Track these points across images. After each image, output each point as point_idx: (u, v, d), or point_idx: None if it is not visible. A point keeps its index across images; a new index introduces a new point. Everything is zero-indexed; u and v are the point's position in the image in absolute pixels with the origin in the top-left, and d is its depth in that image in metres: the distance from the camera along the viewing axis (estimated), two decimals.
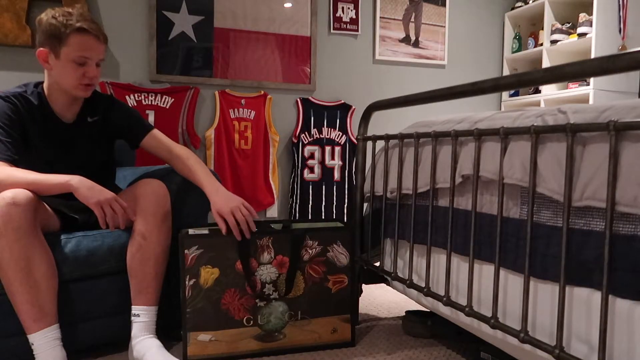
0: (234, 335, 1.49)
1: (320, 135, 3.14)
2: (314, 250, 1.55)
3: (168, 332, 1.65)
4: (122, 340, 1.52)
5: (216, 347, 1.48)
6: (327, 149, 3.14)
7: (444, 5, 3.48)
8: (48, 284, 1.29)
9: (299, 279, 1.54)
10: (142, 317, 1.41)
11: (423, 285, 1.49)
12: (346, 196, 3.16)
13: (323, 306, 1.57)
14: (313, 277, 1.56)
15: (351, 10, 3.25)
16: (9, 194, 1.23)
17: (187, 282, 1.45)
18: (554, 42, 3.24)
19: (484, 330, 1.23)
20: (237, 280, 1.49)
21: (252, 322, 1.51)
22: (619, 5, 3.02)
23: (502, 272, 1.18)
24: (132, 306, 1.42)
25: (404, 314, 1.78)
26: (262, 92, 3.03)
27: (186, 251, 1.44)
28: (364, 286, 2.37)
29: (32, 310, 1.25)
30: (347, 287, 1.60)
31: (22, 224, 1.23)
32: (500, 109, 3.69)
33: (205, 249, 1.46)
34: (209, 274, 1.46)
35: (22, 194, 1.24)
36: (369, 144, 2.85)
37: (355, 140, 3.19)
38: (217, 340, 1.48)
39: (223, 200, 1.45)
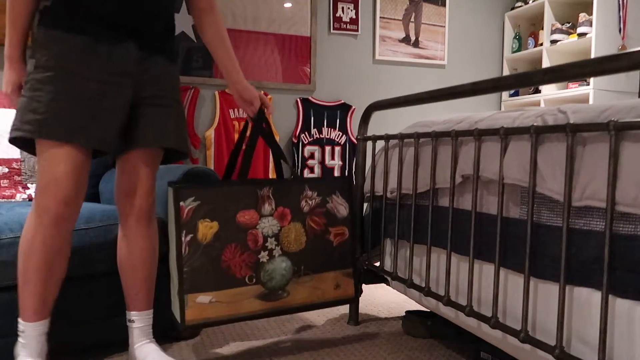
0: (235, 295, 1.38)
1: (320, 135, 3.14)
2: (313, 201, 1.50)
3: (167, 332, 1.65)
4: (122, 341, 1.52)
5: (217, 309, 1.36)
6: (327, 149, 3.14)
7: (444, 5, 3.48)
8: (58, 278, 1.27)
9: (300, 232, 1.48)
10: (136, 322, 1.40)
11: (423, 285, 1.49)
12: None
13: (325, 260, 1.52)
14: (314, 229, 1.50)
15: (351, 10, 3.25)
16: (59, 194, 1.19)
17: (183, 238, 1.32)
18: (554, 42, 3.24)
19: (484, 330, 1.23)
20: (238, 235, 1.38)
21: (254, 280, 1.40)
22: (619, 5, 3.02)
23: (502, 272, 1.18)
24: (126, 311, 1.41)
25: (404, 314, 1.78)
26: (262, 92, 3.03)
27: (182, 203, 1.32)
28: (364, 286, 2.37)
29: (36, 301, 1.24)
30: (348, 240, 1.56)
31: (63, 219, 1.21)
32: (500, 109, 3.69)
33: (203, 201, 1.34)
34: (207, 229, 1.35)
35: (69, 197, 1.21)
36: (369, 144, 2.85)
37: (355, 140, 3.19)
38: (218, 302, 1.36)
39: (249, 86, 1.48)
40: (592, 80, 2.98)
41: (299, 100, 3.12)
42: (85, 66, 1.19)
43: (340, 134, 3.18)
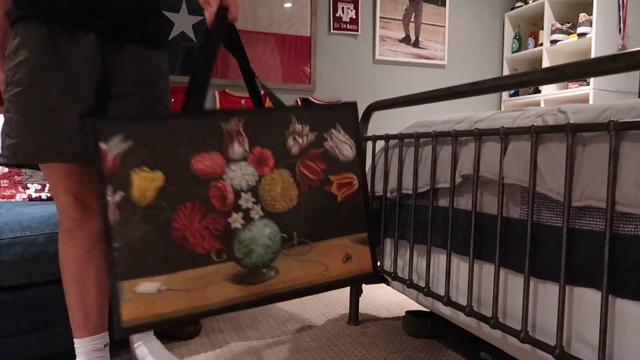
0: (198, 279, 0.94)
1: None
2: (305, 138, 1.04)
3: (167, 331, 1.65)
4: (123, 341, 1.53)
5: (170, 300, 0.92)
6: None
7: (444, 5, 3.48)
8: (95, 290, 1.25)
9: (289, 183, 1.02)
10: None
11: (423, 285, 1.49)
12: None
13: (328, 222, 1.04)
14: (309, 178, 1.03)
15: (351, 10, 3.25)
16: (63, 211, 1.19)
17: (109, 198, 0.88)
18: (554, 42, 3.24)
19: (484, 330, 1.23)
20: (195, 189, 0.94)
21: (224, 255, 0.95)
22: (619, 5, 3.02)
23: (502, 272, 1.18)
24: None
25: (404, 314, 1.78)
26: (262, 92, 3.03)
27: (102, 145, 0.89)
28: (364, 286, 2.37)
29: (77, 315, 1.24)
30: (359, 192, 1.08)
31: (77, 231, 1.21)
32: (500, 109, 3.70)
33: (138, 141, 0.91)
34: (146, 182, 0.91)
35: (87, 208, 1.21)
36: (369, 144, 2.85)
37: None
38: (171, 290, 0.92)
39: None
40: (592, 80, 2.98)
41: (299, 100, 3.12)
42: (47, 72, 1.12)
43: None
